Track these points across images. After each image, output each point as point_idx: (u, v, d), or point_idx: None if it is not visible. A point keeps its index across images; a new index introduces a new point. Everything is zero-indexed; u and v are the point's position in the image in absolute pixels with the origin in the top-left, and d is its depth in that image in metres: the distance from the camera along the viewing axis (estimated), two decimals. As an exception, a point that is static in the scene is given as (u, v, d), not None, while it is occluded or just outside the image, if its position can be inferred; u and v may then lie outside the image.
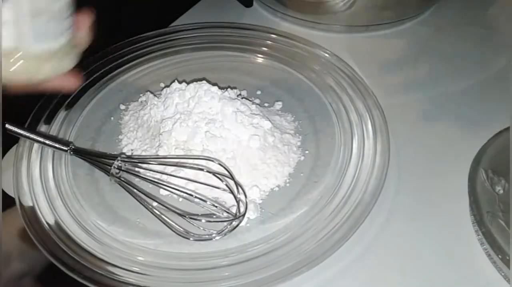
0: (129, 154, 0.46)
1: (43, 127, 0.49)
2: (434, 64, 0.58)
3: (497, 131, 0.44)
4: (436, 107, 0.52)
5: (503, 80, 0.54)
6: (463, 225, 0.41)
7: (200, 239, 0.39)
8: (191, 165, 0.42)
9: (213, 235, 0.39)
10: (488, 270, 0.38)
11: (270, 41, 0.58)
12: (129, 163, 0.44)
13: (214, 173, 0.40)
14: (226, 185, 0.39)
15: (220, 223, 0.40)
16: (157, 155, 0.44)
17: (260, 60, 0.57)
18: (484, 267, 0.38)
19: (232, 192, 0.39)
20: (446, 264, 0.39)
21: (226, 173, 0.41)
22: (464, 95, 0.53)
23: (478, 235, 0.40)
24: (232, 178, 0.40)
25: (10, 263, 0.42)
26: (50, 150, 0.46)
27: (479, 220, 0.39)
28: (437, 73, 0.57)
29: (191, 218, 0.40)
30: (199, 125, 0.44)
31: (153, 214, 0.41)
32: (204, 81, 0.48)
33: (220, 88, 0.48)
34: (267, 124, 0.46)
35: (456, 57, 0.59)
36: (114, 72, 0.56)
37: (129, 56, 0.57)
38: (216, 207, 0.40)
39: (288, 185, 0.44)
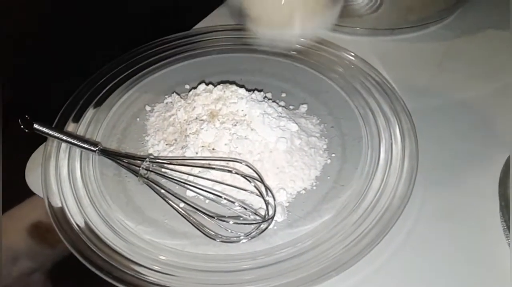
0: (155, 155, 0.46)
1: (70, 127, 0.49)
2: (460, 67, 0.57)
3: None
4: (464, 111, 0.51)
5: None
6: (494, 230, 0.40)
7: (227, 241, 0.39)
8: (219, 167, 0.42)
9: (241, 237, 0.39)
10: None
11: (296, 43, 0.58)
12: (157, 163, 0.44)
13: (243, 175, 0.40)
14: (255, 187, 0.39)
15: (246, 225, 0.40)
16: (184, 156, 0.44)
17: (285, 63, 0.57)
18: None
19: (261, 194, 0.39)
20: (476, 269, 0.39)
21: (255, 175, 0.41)
22: (492, 98, 0.53)
23: (508, 240, 0.39)
24: (261, 180, 0.40)
25: (18, 261, 0.42)
26: (78, 149, 0.47)
27: (510, 225, 0.38)
28: (464, 76, 0.56)
29: (219, 220, 0.40)
30: (226, 127, 0.44)
31: (181, 214, 0.41)
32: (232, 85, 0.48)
33: (247, 90, 0.48)
34: (293, 127, 0.46)
35: (482, 60, 0.58)
36: (140, 73, 0.56)
37: (155, 58, 0.57)
38: (246, 209, 0.40)
39: (315, 188, 0.44)
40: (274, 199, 0.40)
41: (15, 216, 0.45)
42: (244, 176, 0.40)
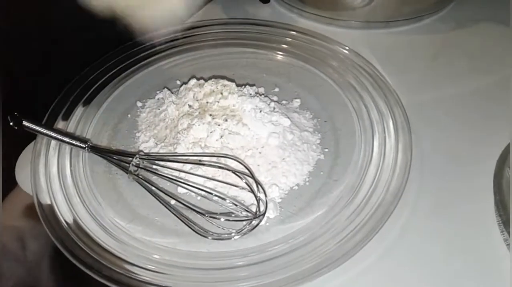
0: (146, 151, 0.46)
1: (60, 124, 0.49)
2: (455, 60, 0.57)
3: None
4: (458, 104, 0.51)
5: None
6: (488, 225, 0.40)
7: (219, 238, 0.39)
8: (210, 163, 0.41)
9: (233, 234, 0.39)
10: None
11: (288, 37, 0.58)
12: (147, 160, 0.43)
13: (234, 171, 0.39)
14: (246, 183, 0.39)
15: (238, 222, 0.40)
16: (175, 153, 0.44)
17: (278, 57, 0.57)
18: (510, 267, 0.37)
19: (252, 191, 0.39)
20: (470, 265, 0.38)
21: (246, 171, 0.40)
22: (488, 91, 0.52)
23: (503, 235, 0.39)
24: (252, 176, 0.40)
25: (26, 244, 0.42)
26: (67, 147, 0.46)
27: (505, 220, 0.38)
28: (458, 69, 0.56)
29: (210, 217, 0.39)
30: (218, 122, 0.44)
31: (171, 212, 0.40)
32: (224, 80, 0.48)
33: (238, 85, 0.47)
34: (286, 122, 0.45)
35: (476, 53, 0.58)
36: (131, 69, 0.56)
37: (145, 53, 0.57)
38: (236, 205, 0.39)
39: (307, 183, 0.43)
40: (266, 195, 0.40)
41: (9, 200, 0.45)
42: (236, 172, 0.39)
